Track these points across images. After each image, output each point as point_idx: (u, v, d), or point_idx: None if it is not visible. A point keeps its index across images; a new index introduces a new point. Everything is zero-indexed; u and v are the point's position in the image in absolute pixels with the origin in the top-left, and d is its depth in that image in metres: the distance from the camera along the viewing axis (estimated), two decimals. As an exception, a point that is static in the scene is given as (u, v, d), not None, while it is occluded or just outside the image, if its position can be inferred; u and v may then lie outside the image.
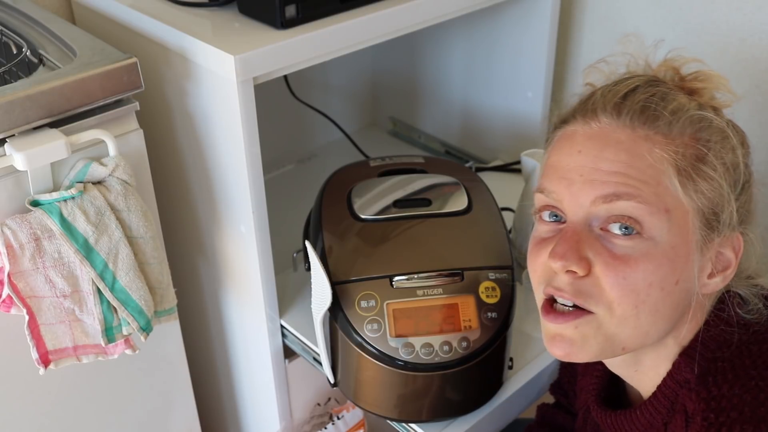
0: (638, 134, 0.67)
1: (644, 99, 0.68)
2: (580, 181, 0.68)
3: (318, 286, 0.91)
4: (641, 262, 0.66)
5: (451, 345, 0.88)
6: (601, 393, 0.84)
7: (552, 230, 0.72)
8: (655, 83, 0.71)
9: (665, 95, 0.69)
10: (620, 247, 0.67)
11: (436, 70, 1.48)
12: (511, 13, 1.28)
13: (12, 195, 0.84)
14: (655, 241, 0.66)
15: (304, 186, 1.39)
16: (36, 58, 0.94)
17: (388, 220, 0.97)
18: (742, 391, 0.67)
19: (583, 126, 0.70)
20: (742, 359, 0.69)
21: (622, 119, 0.68)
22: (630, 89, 0.70)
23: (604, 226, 0.68)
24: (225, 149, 0.96)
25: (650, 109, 0.68)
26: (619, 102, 0.69)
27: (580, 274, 0.68)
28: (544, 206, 0.73)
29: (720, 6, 1.14)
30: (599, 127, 0.69)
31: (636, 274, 0.66)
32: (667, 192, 0.66)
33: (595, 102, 0.70)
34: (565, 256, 0.67)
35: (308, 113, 1.44)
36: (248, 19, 0.95)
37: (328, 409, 1.22)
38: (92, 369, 1.00)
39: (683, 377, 0.71)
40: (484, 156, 1.45)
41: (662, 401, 0.73)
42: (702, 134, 0.68)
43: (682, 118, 0.68)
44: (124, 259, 0.88)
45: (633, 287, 0.66)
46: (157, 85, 1.02)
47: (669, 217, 0.66)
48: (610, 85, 0.72)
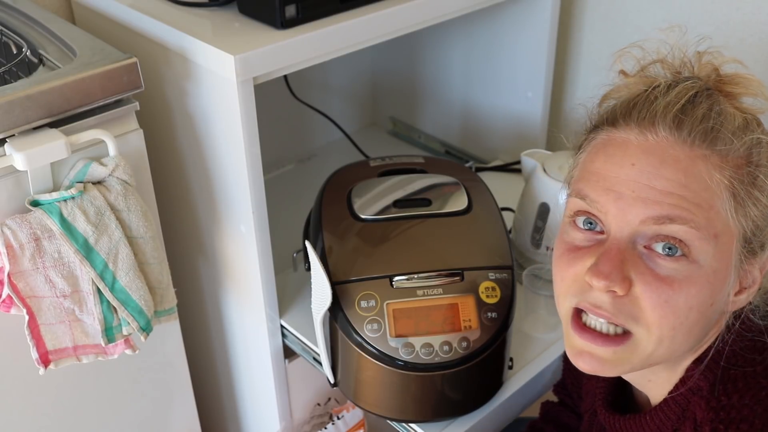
0: (696, 153, 0.64)
1: (704, 114, 0.65)
2: (631, 197, 0.65)
3: (318, 286, 0.91)
4: (684, 286, 0.64)
5: (451, 345, 0.88)
6: (608, 397, 0.84)
7: (588, 239, 0.69)
8: (709, 92, 0.67)
9: (722, 109, 0.66)
10: (664, 268, 0.64)
11: (436, 70, 1.48)
12: (511, 13, 1.28)
13: (12, 195, 0.84)
14: (699, 264, 0.64)
15: (304, 186, 1.39)
16: (36, 58, 0.94)
17: (388, 220, 0.97)
18: (753, 402, 0.66)
19: (638, 136, 0.66)
20: (754, 367, 0.68)
21: (683, 135, 0.64)
22: (688, 99, 0.65)
23: (648, 244, 0.65)
24: (225, 149, 0.96)
25: (712, 128, 0.64)
26: (679, 115, 0.65)
27: (619, 294, 0.65)
28: (581, 212, 0.69)
29: (720, 6, 1.14)
30: (656, 141, 0.65)
31: (678, 297, 0.64)
32: (718, 216, 0.64)
33: (654, 111, 0.65)
34: (609, 276, 0.64)
35: (308, 113, 1.44)
36: (248, 19, 0.95)
37: (328, 409, 1.22)
38: (92, 369, 1.00)
39: (696, 384, 0.70)
40: (484, 156, 1.45)
41: (673, 408, 0.72)
42: (753, 155, 0.65)
43: (743, 138, 0.64)
44: (124, 259, 0.88)
45: (674, 309, 0.65)
46: (157, 85, 1.02)
47: (716, 241, 0.64)
48: (663, 87, 0.67)
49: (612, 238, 0.66)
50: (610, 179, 0.66)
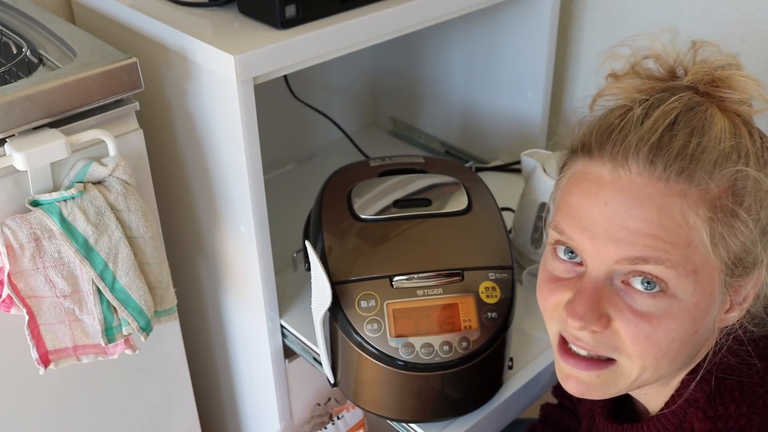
0: (672, 190, 0.61)
1: (680, 147, 0.61)
2: (605, 237, 0.63)
3: (318, 286, 0.91)
4: (663, 321, 0.64)
5: (451, 345, 0.88)
6: (607, 404, 0.83)
7: (568, 270, 0.68)
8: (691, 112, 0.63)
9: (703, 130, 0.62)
10: (642, 304, 0.64)
11: (436, 70, 1.48)
12: (511, 13, 1.28)
13: (12, 195, 0.84)
14: (678, 299, 0.63)
15: (304, 186, 1.39)
16: (36, 58, 0.94)
17: (388, 220, 0.97)
18: (750, 411, 0.65)
19: (611, 172, 0.63)
20: (750, 377, 0.68)
21: (657, 172, 0.61)
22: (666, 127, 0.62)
23: (626, 279, 0.64)
24: (225, 149, 0.96)
25: (688, 162, 0.61)
26: (654, 148, 0.62)
27: (597, 331, 0.65)
28: (559, 242, 0.68)
29: (720, 6, 1.14)
30: (629, 178, 0.62)
31: (658, 332, 0.64)
32: (696, 252, 0.62)
33: (626, 145, 0.63)
34: (584, 318, 0.64)
35: (308, 113, 1.44)
36: (248, 19, 0.95)
37: (328, 409, 1.22)
38: (92, 369, 1.00)
39: (692, 395, 0.70)
40: (484, 156, 1.45)
41: (670, 419, 0.72)
42: (738, 186, 0.62)
43: (723, 170, 0.61)
44: (124, 259, 0.88)
45: (655, 344, 0.64)
46: (157, 85, 1.02)
47: (696, 276, 0.63)
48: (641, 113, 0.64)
49: (588, 275, 0.66)
50: (584, 218, 0.65)
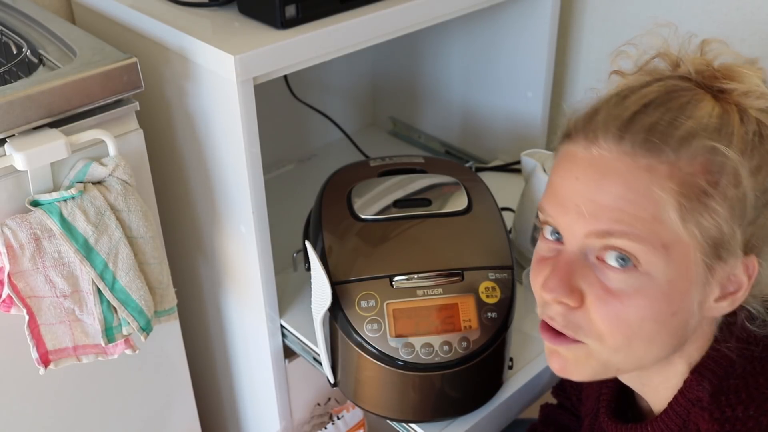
0: (639, 164, 0.62)
1: (650, 125, 0.63)
2: (575, 211, 0.65)
3: (318, 286, 0.91)
4: (634, 298, 0.64)
5: (451, 345, 0.88)
6: (611, 403, 0.83)
7: (551, 249, 0.69)
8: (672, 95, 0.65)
9: (680, 112, 0.63)
10: (614, 281, 0.64)
11: (436, 70, 1.48)
12: (511, 13, 1.28)
13: (12, 195, 0.84)
14: (650, 276, 0.63)
15: (304, 186, 1.39)
16: (36, 58, 0.94)
17: (388, 220, 0.97)
18: (758, 414, 0.65)
19: (584, 150, 0.66)
20: (756, 377, 0.67)
21: (623, 147, 0.63)
22: (638, 108, 0.64)
23: (600, 255, 0.65)
24: (225, 149, 0.96)
25: (655, 137, 0.62)
26: (622, 127, 0.63)
27: (571, 305, 0.66)
28: (544, 222, 0.70)
29: (720, 6, 1.14)
30: (599, 154, 0.64)
31: (628, 309, 0.64)
32: (665, 227, 0.62)
33: (597, 124, 0.65)
34: (555, 289, 0.66)
35: (308, 113, 1.44)
36: (248, 19, 0.95)
37: (328, 409, 1.22)
38: (92, 369, 1.00)
39: (695, 395, 0.70)
40: (484, 156, 1.45)
41: (674, 419, 0.72)
42: (713, 164, 0.62)
43: (691, 147, 0.62)
44: (124, 259, 0.88)
45: (625, 322, 0.65)
46: (157, 85, 1.02)
47: (667, 252, 0.63)
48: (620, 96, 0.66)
49: (564, 251, 0.67)
50: (559, 193, 0.67)
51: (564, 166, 0.68)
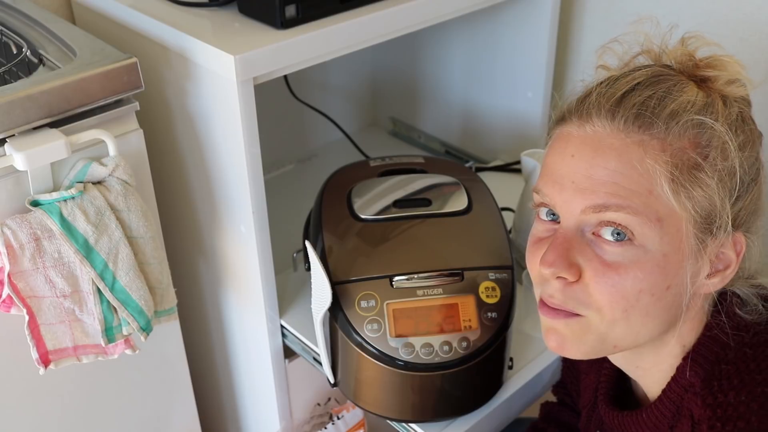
0: (632, 140, 0.65)
1: (641, 102, 0.66)
2: (571, 188, 0.67)
3: (318, 286, 0.91)
4: (631, 270, 0.66)
5: (451, 345, 0.88)
6: (609, 391, 0.85)
7: (548, 230, 0.72)
8: (659, 78, 0.68)
9: (667, 93, 0.66)
10: (610, 254, 0.66)
11: (436, 70, 1.48)
12: (511, 13, 1.28)
13: (12, 195, 0.84)
14: (645, 248, 0.66)
15: (304, 186, 1.39)
16: (36, 58, 0.94)
17: (388, 220, 0.97)
18: (749, 399, 0.66)
19: (578, 129, 0.68)
20: (747, 363, 0.69)
21: (616, 123, 0.66)
22: (629, 89, 0.67)
23: (596, 231, 0.67)
24: (225, 149, 0.96)
25: (645, 114, 0.65)
26: (614, 105, 0.67)
27: (570, 280, 0.68)
28: (539, 204, 0.72)
29: (720, 6, 1.14)
30: (593, 131, 0.67)
31: (625, 281, 0.66)
32: (659, 200, 0.65)
33: (590, 103, 0.68)
34: (554, 263, 0.67)
35: (308, 113, 1.44)
36: (248, 19, 0.95)
37: (328, 409, 1.22)
38: (92, 369, 1.00)
39: (687, 381, 0.71)
40: (484, 156, 1.45)
41: (668, 405, 0.73)
42: (702, 138, 0.65)
43: (680, 122, 0.65)
44: (124, 259, 0.88)
45: (622, 294, 0.66)
46: (157, 85, 1.02)
47: (661, 225, 0.65)
48: (611, 80, 0.70)
49: (561, 227, 0.69)
50: (555, 172, 0.69)
51: (558, 145, 0.70)
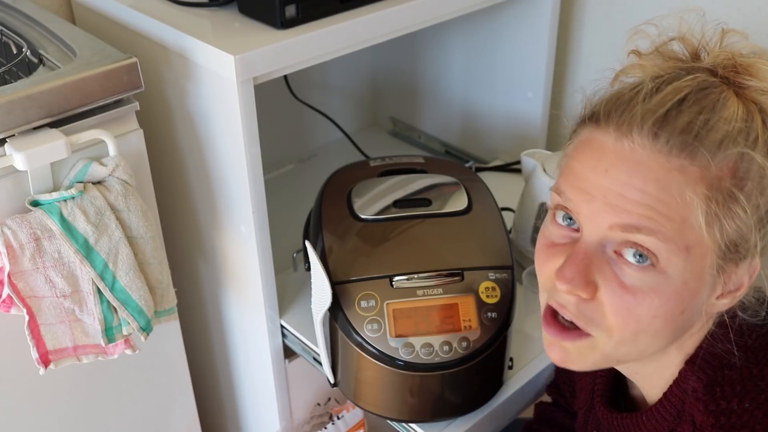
0: (673, 164, 0.61)
1: (686, 122, 0.61)
2: (602, 201, 0.64)
3: (318, 286, 0.91)
4: (649, 296, 0.64)
5: (451, 345, 0.88)
6: (606, 392, 0.84)
7: (564, 236, 0.68)
8: (705, 90, 0.63)
9: (713, 111, 0.62)
10: (630, 277, 0.64)
11: (436, 70, 1.48)
12: (511, 13, 1.28)
13: (12, 195, 0.84)
14: (667, 275, 0.63)
15: (304, 186, 1.39)
16: (36, 58, 0.94)
17: (388, 220, 0.97)
18: (753, 407, 0.65)
19: (615, 141, 0.64)
20: (749, 368, 0.68)
21: (659, 145, 0.61)
22: (673, 105, 0.62)
23: (619, 249, 0.64)
24: (225, 149, 0.96)
25: (690, 140, 0.61)
26: (658, 123, 0.62)
27: (584, 297, 0.66)
28: (559, 206, 0.69)
29: (720, 6, 1.14)
30: (631, 149, 0.63)
31: (641, 307, 0.64)
32: (691, 229, 0.62)
33: (631, 116, 0.63)
34: (572, 281, 0.64)
35: (308, 113, 1.44)
36: (248, 19, 0.95)
37: (328, 409, 1.22)
38: (92, 369, 1.00)
39: (690, 386, 0.70)
40: (484, 156, 1.45)
41: (669, 409, 0.73)
42: (740, 166, 0.62)
43: (726, 151, 0.61)
44: (124, 259, 0.88)
45: (636, 318, 0.64)
46: (157, 85, 1.02)
47: (687, 254, 0.63)
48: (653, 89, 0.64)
49: (582, 241, 0.66)
50: (584, 180, 0.65)
51: (591, 154, 0.66)
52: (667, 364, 0.73)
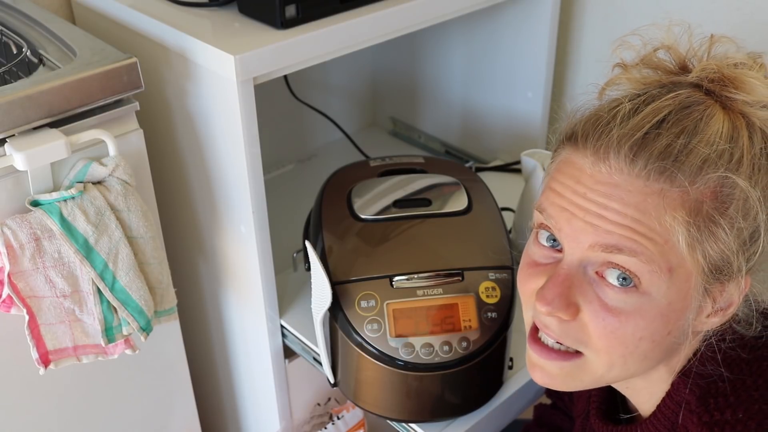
0: (651, 189, 0.60)
1: (664, 146, 0.60)
2: (582, 221, 0.63)
3: (318, 286, 0.91)
4: (632, 318, 0.63)
5: (451, 345, 0.88)
6: (601, 405, 0.83)
7: (547, 257, 0.68)
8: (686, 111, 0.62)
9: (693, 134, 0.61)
10: (613, 299, 0.63)
11: (436, 70, 1.48)
12: (511, 13, 1.28)
13: (12, 195, 0.84)
14: (651, 296, 0.62)
15: (304, 186, 1.39)
16: (36, 58, 0.94)
17: (388, 220, 0.97)
18: (746, 417, 0.65)
19: (592, 165, 0.63)
20: (743, 379, 0.67)
21: (637, 169, 0.61)
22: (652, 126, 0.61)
23: (600, 271, 0.64)
24: (225, 149, 0.96)
25: (670, 164, 0.60)
26: (635, 147, 0.61)
27: (564, 319, 0.65)
28: (542, 225, 0.68)
29: (720, 6, 1.14)
30: (609, 173, 0.62)
31: (626, 328, 0.63)
32: (674, 251, 0.61)
33: (608, 140, 0.62)
34: (552, 303, 0.64)
35: (308, 113, 1.44)
36: (248, 19, 0.95)
37: (328, 409, 1.22)
38: (92, 369, 1.00)
39: (682, 398, 0.69)
40: (484, 156, 1.45)
41: (663, 421, 0.72)
42: (723, 192, 0.61)
43: (705, 175, 0.60)
44: (124, 259, 0.88)
45: (621, 340, 0.64)
46: (157, 85, 1.02)
47: (671, 276, 0.62)
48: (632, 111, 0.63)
49: (564, 261, 0.65)
50: (565, 200, 0.65)
51: (570, 176, 0.65)
52: (657, 380, 0.72)
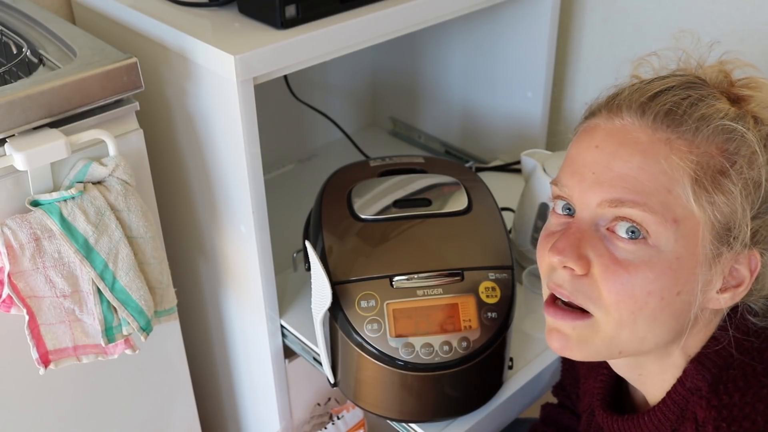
0: (659, 136, 0.65)
1: (673, 101, 0.66)
2: (591, 179, 0.67)
3: (318, 286, 0.91)
4: (641, 270, 0.65)
5: (451, 345, 0.88)
6: (606, 397, 0.84)
7: (562, 224, 0.71)
8: (693, 86, 0.68)
9: (700, 99, 0.66)
10: (622, 251, 0.65)
11: (436, 70, 1.48)
12: (511, 13, 1.28)
13: (12, 195, 0.84)
14: (659, 249, 0.65)
15: (304, 186, 1.39)
16: (36, 58, 0.94)
17: (388, 220, 0.97)
18: (755, 400, 0.66)
19: (606, 121, 0.68)
20: (754, 366, 0.68)
21: (645, 119, 0.66)
22: (662, 89, 0.67)
23: (611, 226, 0.66)
24: (225, 149, 0.96)
25: (676, 112, 0.65)
26: (646, 101, 0.66)
27: (578, 272, 0.67)
28: (557, 196, 0.71)
29: (720, 6, 1.14)
30: (621, 125, 0.67)
31: (634, 280, 0.65)
32: (678, 201, 0.64)
33: (621, 98, 0.68)
34: (563, 251, 0.66)
35: (308, 113, 1.44)
36: (248, 19, 0.95)
37: (328, 409, 1.22)
38: (92, 369, 1.00)
39: (694, 385, 0.70)
40: (484, 156, 1.45)
41: (672, 408, 0.73)
42: (730, 145, 0.64)
43: (710, 126, 0.64)
44: (124, 259, 0.88)
45: (631, 293, 0.65)
46: (157, 85, 1.02)
47: (677, 227, 0.64)
48: (644, 82, 0.70)
49: (576, 219, 0.69)
50: (577, 163, 0.69)
51: (584, 137, 0.70)
52: (669, 365, 0.73)
